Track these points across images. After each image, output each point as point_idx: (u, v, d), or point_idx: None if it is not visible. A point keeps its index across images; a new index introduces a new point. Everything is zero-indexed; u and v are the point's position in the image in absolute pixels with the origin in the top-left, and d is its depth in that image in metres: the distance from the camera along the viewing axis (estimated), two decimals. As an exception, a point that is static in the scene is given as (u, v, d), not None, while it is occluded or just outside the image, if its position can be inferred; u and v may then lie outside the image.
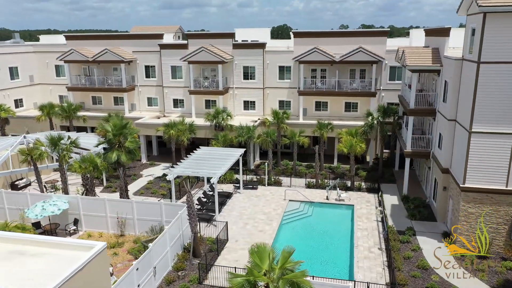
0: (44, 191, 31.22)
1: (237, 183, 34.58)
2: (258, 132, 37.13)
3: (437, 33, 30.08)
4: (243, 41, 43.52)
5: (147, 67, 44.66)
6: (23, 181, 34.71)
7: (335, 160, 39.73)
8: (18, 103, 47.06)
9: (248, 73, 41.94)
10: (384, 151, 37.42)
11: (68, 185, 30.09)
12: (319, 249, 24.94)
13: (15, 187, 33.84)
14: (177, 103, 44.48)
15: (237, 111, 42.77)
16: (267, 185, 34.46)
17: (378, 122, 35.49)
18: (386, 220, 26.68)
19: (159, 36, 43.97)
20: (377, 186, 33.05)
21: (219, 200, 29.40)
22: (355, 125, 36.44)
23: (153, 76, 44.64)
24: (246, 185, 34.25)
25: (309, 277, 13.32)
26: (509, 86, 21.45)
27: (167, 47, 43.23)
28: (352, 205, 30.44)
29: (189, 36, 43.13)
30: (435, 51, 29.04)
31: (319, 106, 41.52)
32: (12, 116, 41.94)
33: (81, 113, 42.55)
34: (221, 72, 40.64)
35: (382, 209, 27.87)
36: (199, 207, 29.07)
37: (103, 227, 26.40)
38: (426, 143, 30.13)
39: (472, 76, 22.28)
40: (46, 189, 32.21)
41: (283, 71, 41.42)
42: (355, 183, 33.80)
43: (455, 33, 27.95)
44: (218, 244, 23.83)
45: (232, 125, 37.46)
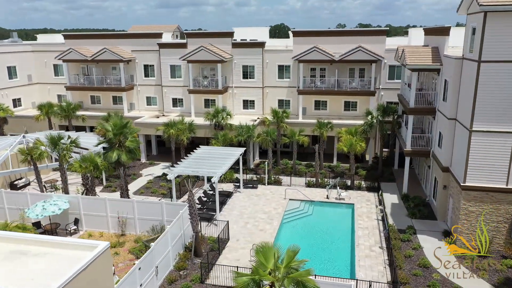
0: (43, 190, 31.13)
1: (237, 182, 34.58)
2: (257, 131, 37.13)
3: (436, 32, 30.14)
4: (241, 40, 43.48)
5: (146, 66, 44.55)
6: (22, 181, 34.59)
7: (335, 159, 39.78)
8: (16, 102, 46.84)
9: (247, 72, 41.90)
10: (383, 150, 37.50)
11: (67, 184, 30.00)
12: (320, 248, 24.99)
13: (14, 187, 33.73)
14: (176, 102, 44.40)
15: (236, 110, 42.74)
16: (267, 184, 34.48)
17: (377, 121, 35.56)
18: (386, 218, 26.75)
19: (158, 35, 43.85)
20: (377, 185, 33.12)
21: (220, 199, 29.38)
22: (354, 124, 36.48)
23: (152, 75, 44.54)
24: (246, 184, 34.26)
25: (311, 276, 13.31)
26: (510, 85, 21.53)
27: (166, 46, 43.13)
28: (352, 204, 30.51)
29: (188, 35, 43.04)
30: (435, 50, 29.10)
31: (318, 105, 41.56)
32: (10, 115, 41.73)
33: (80, 112, 42.36)
34: (221, 71, 40.60)
35: (382, 208, 27.93)
36: (200, 206, 29.04)
37: (103, 227, 26.35)
38: (426, 142, 30.19)
39: (472, 75, 22.33)
40: (45, 189, 32.11)
41: (283, 70, 41.40)
42: (355, 182, 33.88)
43: (453, 32, 27.94)
44: (219, 243, 23.82)
45: (231, 124, 37.45)
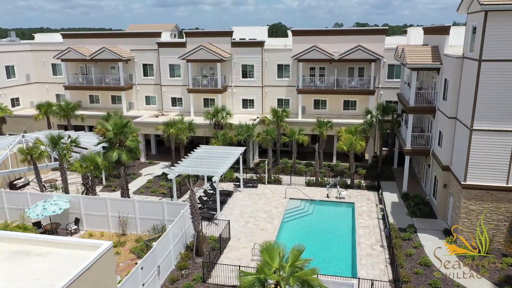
0: (43, 190, 31.03)
1: (237, 182, 34.57)
2: (257, 130, 37.13)
3: (436, 31, 30.21)
4: (240, 39, 43.44)
5: (145, 66, 44.45)
6: (21, 181, 34.45)
7: (334, 158, 39.82)
8: (14, 102, 46.67)
9: (246, 72, 41.88)
10: (382, 149, 37.56)
11: (68, 184, 29.91)
12: (321, 247, 25.00)
13: (13, 186, 33.60)
14: (175, 101, 44.34)
15: (235, 110, 42.71)
16: (267, 184, 34.49)
17: (377, 120, 35.62)
18: (387, 217, 26.81)
19: (157, 34, 43.76)
20: (376, 184, 33.19)
21: (220, 198, 29.35)
22: (353, 123, 36.49)
23: (151, 74, 44.46)
24: (246, 183, 34.25)
25: (316, 275, 13.32)
26: (510, 84, 21.61)
27: (165, 46, 43.06)
28: (352, 203, 30.56)
29: (187, 34, 42.95)
30: (435, 49, 29.16)
31: (317, 104, 41.59)
32: (9, 115, 41.58)
33: (79, 112, 42.22)
34: (220, 70, 40.54)
35: (383, 207, 27.99)
36: (200, 205, 29.01)
37: (104, 226, 26.30)
38: (425, 141, 30.27)
39: (473, 74, 22.39)
40: (45, 189, 32.00)
41: (282, 70, 41.40)
42: (355, 181, 33.93)
43: (453, 31, 27.96)
44: (221, 242, 23.81)
45: (231, 123, 37.43)
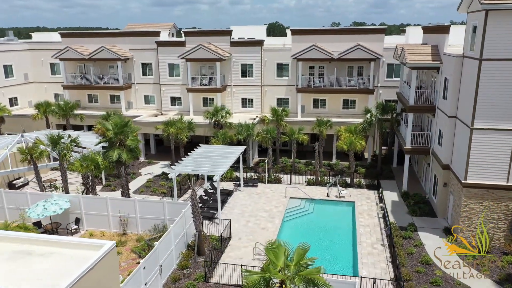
0: (43, 190, 30.93)
1: (237, 181, 34.56)
2: (257, 129, 37.13)
3: (436, 30, 30.29)
4: (239, 38, 43.41)
5: (143, 65, 44.35)
6: (20, 180, 34.32)
7: (334, 157, 39.88)
8: (12, 101, 46.47)
9: (246, 71, 41.86)
10: (382, 148, 37.63)
11: (68, 184, 29.82)
12: (322, 246, 25.02)
13: (12, 186, 33.47)
14: (174, 101, 44.27)
15: (235, 109, 42.68)
16: (267, 183, 34.50)
17: (376, 119, 35.68)
18: (387, 216, 26.86)
19: (156, 33, 43.66)
20: (376, 182, 33.26)
21: (220, 197, 29.32)
22: (352, 122, 36.51)
23: (150, 74, 44.36)
24: (246, 182, 34.25)
25: (322, 274, 13.34)
26: (511, 82, 21.69)
27: (164, 45, 42.98)
28: (352, 202, 30.61)
29: (187, 33, 42.87)
30: (435, 48, 29.23)
31: (317, 103, 41.63)
32: (7, 114, 41.38)
33: (77, 111, 42.07)
34: (219, 69, 40.50)
35: (383, 206, 28.05)
36: (201, 205, 28.99)
37: (105, 226, 26.24)
38: (425, 139, 30.33)
39: (473, 73, 22.46)
40: (45, 188, 31.90)
41: (281, 69, 41.41)
42: (355, 180, 33.99)
43: (452, 30, 28.01)
44: (222, 241, 23.81)
45: (231, 122, 37.42)
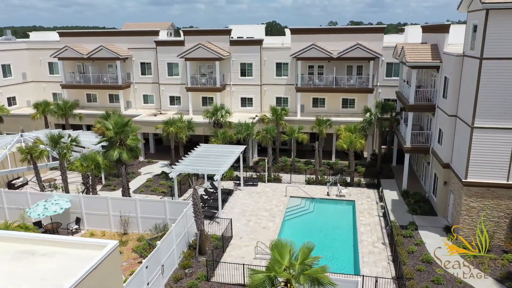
0: (43, 190, 30.83)
1: (237, 180, 34.56)
2: (256, 129, 37.13)
3: (435, 29, 30.35)
4: (238, 37, 43.38)
5: (142, 64, 44.27)
6: (20, 180, 34.19)
7: (333, 156, 39.93)
8: (11, 101, 46.29)
9: (245, 70, 41.84)
10: (381, 147, 37.72)
11: (68, 183, 29.74)
12: (323, 245, 24.98)
13: (12, 186, 33.35)
14: (173, 100, 44.21)
15: (234, 108, 42.66)
16: (267, 182, 34.51)
17: (376, 118, 35.75)
18: (388, 215, 26.92)
19: (155, 32, 43.58)
20: (376, 181, 33.32)
21: (221, 197, 29.32)
22: (352, 121, 36.56)
23: (149, 73, 44.29)
24: (246, 181, 34.25)
25: (327, 273, 13.36)
26: (511, 81, 21.76)
27: (163, 44, 42.90)
28: (353, 201, 30.66)
29: (186, 32, 42.80)
30: (434, 47, 29.29)
31: (316, 102, 41.67)
32: (6, 114, 41.19)
33: (76, 111, 41.94)
34: (219, 69, 40.46)
35: (384, 204, 28.12)
36: (202, 204, 28.93)
37: (105, 226, 26.20)
38: (425, 138, 30.41)
39: (474, 72, 22.53)
40: (44, 188, 31.79)
41: (280, 68, 41.41)
42: (355, 179, 34.05)
43: (451, 29, 28.09)
44: (223, 241, 23.81)
45: (231, 122, 37.41)
